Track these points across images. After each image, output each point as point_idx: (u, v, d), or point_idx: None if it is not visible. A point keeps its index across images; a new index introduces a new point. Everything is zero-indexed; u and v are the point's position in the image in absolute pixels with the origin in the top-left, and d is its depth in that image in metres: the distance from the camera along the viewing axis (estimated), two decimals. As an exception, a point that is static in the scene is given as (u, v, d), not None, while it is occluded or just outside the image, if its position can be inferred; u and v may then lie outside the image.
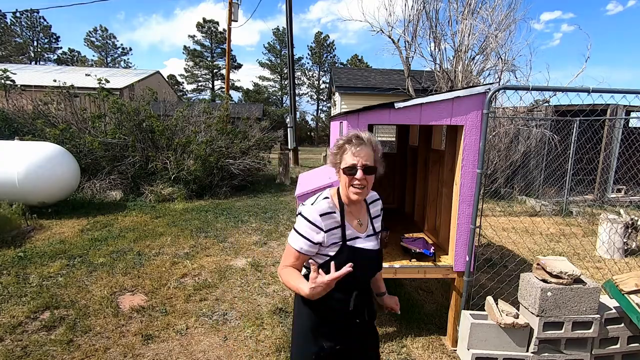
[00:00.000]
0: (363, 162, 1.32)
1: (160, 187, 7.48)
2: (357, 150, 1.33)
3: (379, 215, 1.54)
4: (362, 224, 1.45)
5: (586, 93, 2.61)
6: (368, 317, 1.52)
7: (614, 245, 4.71)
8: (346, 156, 1.35)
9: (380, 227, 1.53)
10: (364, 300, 1.48)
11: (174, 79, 42.50)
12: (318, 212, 1.35)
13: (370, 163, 1.34)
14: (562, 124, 7.39)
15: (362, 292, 1.46)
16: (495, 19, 8.85)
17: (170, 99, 11.66)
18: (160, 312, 3.08)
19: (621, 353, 2.47)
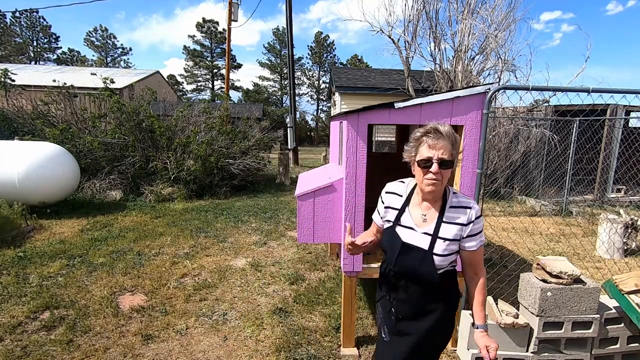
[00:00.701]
0: (439, 155, 1.30)
1: (160, 187, 7.48)
2: (435, 143, 1.31)
3: (459, 224, 1.37)
4: (426, 219, 1.41)
5: (586, 93, 2.61)
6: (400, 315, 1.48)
7: (614, 245, 4.71)
8: (422, 148, 1.35)
9: (455, 235, 1.37)
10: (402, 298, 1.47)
11: (174, 79, 42.51)
12: (387, 189, 1.56)
13: (447, 157, 1.31)
14: (562, 124, 7.39)
15: (401, 284, 1.46)
16: (495, 19, 8.86)
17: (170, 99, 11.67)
18: (160, 312, 3.08)
19: (621, 353, 2.47)
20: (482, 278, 1.44)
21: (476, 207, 1.40)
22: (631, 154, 7.24)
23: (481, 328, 1.41)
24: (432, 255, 1.38)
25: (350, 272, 2.51)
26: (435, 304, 1.47)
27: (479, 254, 1.42)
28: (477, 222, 1.39)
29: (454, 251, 1.41)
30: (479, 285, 1.44)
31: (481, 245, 1.41)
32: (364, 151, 2.37)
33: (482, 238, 1.42)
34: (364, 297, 3.44)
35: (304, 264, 4.24)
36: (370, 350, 2.63)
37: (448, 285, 1.49)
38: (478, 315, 1.43)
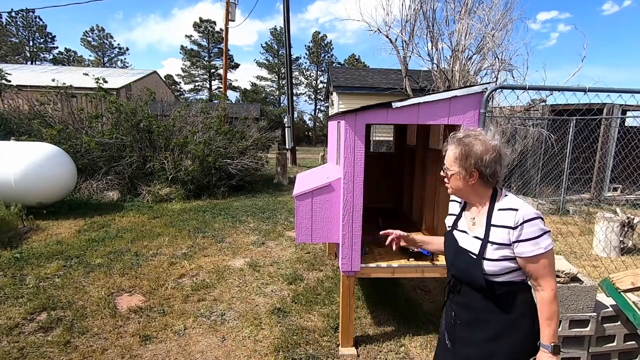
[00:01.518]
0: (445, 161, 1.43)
1: (158, 187, 7.46)
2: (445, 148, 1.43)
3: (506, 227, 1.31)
4: (475, 223, 1.43)
5: (583, 92, 2.62)
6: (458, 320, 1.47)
7: (611, 243, 4.74)
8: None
9: (503, 239, 1.32)
10: (461, 302, 1.46)
11: (171, 79, 42.44)
12: (451, 197, 1.59)
13: (446, 163, 1.41)
14: (559, 123, 7.42)
15: (458, 289, 1.47)
16: (492, 19, 8.88)
17: (168, 99, 11.66)
18: (158, 313, 3.07)
19: (618, 351, 2.49)
20: (547, 291, 1.30)
21: (526, 209, 1.30)
22: (627, 153, 7.27)
23: (544, 348, 1.30)
24: (482, 259, 1.35)
25: (349, 271, 2.51)
26: (492, 314, 1.39)
27: (536, 262, 1.28)
28: (527, 226, 1.27)
29: (508, 257, 1.32)
30: (541, 299, 1.32)
31: (540, 254, 1.27)
32: (362, 151, 2.37)
33: (539, 244, 1.27)
34: (362, 296, 3.44)
35: (302, 263, 4.24)
36: (369, 350, 2.63)
37: (510, 297, 1.37)
38: (542, 332, 1.33)
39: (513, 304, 1.37)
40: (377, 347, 2.66)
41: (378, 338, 2.77)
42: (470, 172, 1.35)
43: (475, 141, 1.34)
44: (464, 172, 1.36)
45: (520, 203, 1.33)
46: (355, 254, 2.48)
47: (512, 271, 1.34)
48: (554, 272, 1.32)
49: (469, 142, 1.34)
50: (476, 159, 1.33)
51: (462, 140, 1.36)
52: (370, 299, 3.41)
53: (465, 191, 1.40)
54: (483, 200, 1.40)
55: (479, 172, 1.34)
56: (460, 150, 1.35)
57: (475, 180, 1.36)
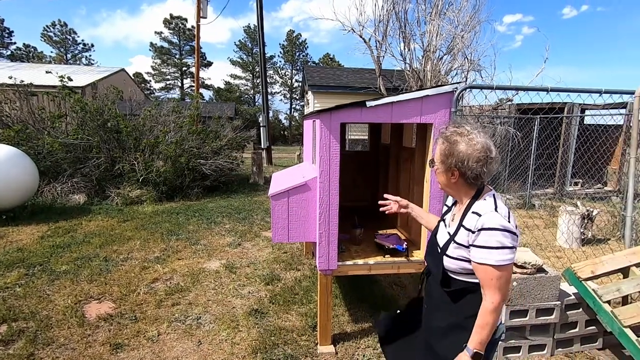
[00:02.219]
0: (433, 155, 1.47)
1: (128, 189, 7.19)
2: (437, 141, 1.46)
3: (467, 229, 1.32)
4: (454, 219, 1.47)
5: (545, 92, 2.76)
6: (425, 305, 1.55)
7: (572, 235, 5.01)
8: None
9: (463, 240, 1.33)
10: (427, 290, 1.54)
11: (141, 77, 40.99)
12: None
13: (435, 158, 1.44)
14: (525, 122, 7.77)
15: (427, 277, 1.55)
16: (461, 20, 9.17)
17: (137, 97, 11.19)
18: (129, 320, 2.97)
19: (580, 336, 2.64)
20: (489, 303, 1.26)
21: (488, 218, 1.26)
22: (586, 150, 7.72)
23: (467, 351, 1.29)
24: (444, 255, 1.38)
25: (326, 270, 2.52)
26: (445, 307, 1.42)
27: (483, 271, 1.26)
28: (483, 234, 1.25)
29: (465, 258, 1.33)
30: (482, 308, 1.28)
31: (488, 264, 1.23)
32: (337, 150, 2.38)
33: (491, 255, 1.23)
34: (340, 294, 3.47)
35: (279, 263, 4.21)
36: (347, 347, 2.65)
37: (464, 296, 1.38)
38: (471, 336, 1.30)
39: (463, 303, 1.38)
40: (355, 343, 2.69)
41: (356, 335, 2.80)
42: (452, 170, 1.35)
43: (461, 140, 1.32)
44: (445, 169, 1.37)
45: (488, 210, 1.29)
46: (332, 252, 2.49)
47: (471, 273, 1.34)
48: (503, 288, 1.25)
49: (453, 141, 1.33)
50: (457, 160, 1.31)
51: (448, 138, 1.35)
52: (347, 296, 3.44)
53: (450, 187, 1.43)
54: (466, 198, 1.40)
55: (459, 172, 1.33)
56: (445, 148, 1.36)
57: (456, 179, 1.35)
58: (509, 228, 1.24)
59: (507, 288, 1.27)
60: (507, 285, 1.26)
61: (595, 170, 8.40)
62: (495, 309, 1.25)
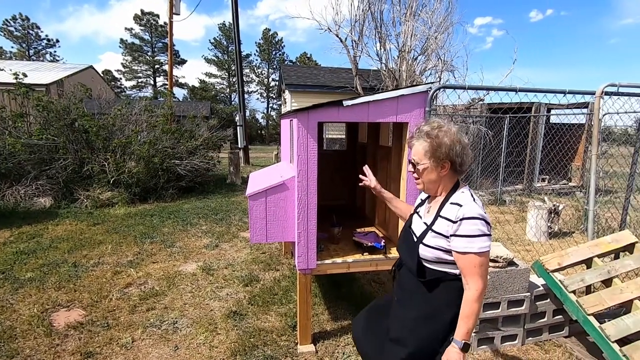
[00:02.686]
0: (412, 155, 1.44)
1: (98, 191, 6.90)
2: (411, 144, 1.45)
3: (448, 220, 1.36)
4: (429, 211, 1.50)
5: (514, 92, 2.87)
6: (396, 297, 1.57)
7: (540, 229, 5.25)
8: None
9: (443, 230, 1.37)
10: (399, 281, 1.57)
11: (111, 74, 39.48)
12: None
13: (416, 158, 1.43)
14: (495, 121, 8.05)
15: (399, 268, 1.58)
16: (435, 22, 9.38)
17: (107, 96, 10.78)
18: (101, 327, 2.85)
19: (548, 325, 2.77)
20: (471, 291, 1.31)
21: (468, 208, 1.32)
22: (552, 147, 8.10)
23: (455, 344, 1.32)
24: (420, 243, 1.42)
25: (305, 269, 2.52)
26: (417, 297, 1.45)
27: (466, 259, 1.31)
28: (465, 223, 1.31)
29: (443, 248, 1.37)
30: (467, 297, 1.32)
31: (471, 252, 1.29)
32: (315, 149, 2.38)
33: (473, 244, 1.29)
34: (319, 293, 3.48)
35: (258, 264, 4.17)
36: (327, 345, 2.66)
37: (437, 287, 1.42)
38: (458, 328, 1.33)
39: (437, 293, 1.42)
40: (335, 341, 2.71)
41: (336, 333, 2.81)
42: (442, 163, 1.39)
43: (442, 133, 1.39)
44: (435, 164, 1.40)
45: (468, 200, 1.36)
46: (311, 251, 2.49)
47: (446, 263, 1.39)
48: (484, 275, 1.31)
49: (436, 135, 1.38)
50: (447, 150, 1.37)
51: (429, 134, 1.39)
52: (327, 295, 3.45)
53: (436, 182, 1.44)
54: (445, 191, 1.45)
55: (451, 162, 1.39)
56: (430, 144, 1.39)
57: (447, 170, 1.41)
58: (486, 218, 1.33)
59: (487, 275, 1.34)
60: (487, 272, 1.34)
61: (560, 167, 8.83)
62: (479, 296, 1.31)
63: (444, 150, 1.37)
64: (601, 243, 2.65)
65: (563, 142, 8.19)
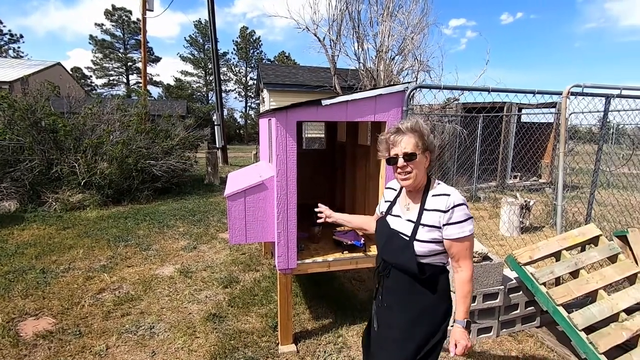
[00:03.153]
0: (402, 150, 1.42)
1: (68, 194, 6.62)
2: (396, 140, 1.44)
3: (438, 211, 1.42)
4: (409, 208, 1.51)
5: (487, 92, 2.95)
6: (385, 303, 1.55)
7: (513, 224, 5.44)
8: (389, 147, 1.47)
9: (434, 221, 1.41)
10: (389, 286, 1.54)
11: (80, 72, 37.86)
12: (387, 185, 1.71)
13: (410, 149, 1.42)
14: (470, 120, 8.28)
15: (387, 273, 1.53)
16: (411, 23, 9.54)
17: (77, 94, 10.30)
18: (73, 335, 2.74)
19: (521, 316, 2.87)
20: (466, 272, 1.43)
21: (456, 195, 1.43)
22: (523, 145, 8.42)
23: (458, 323, 1.43)
24: (414, 241, 1.44)
25: (285, 269, 2.50)
26: (416, 296, 1.48)
27: (460, 244, 1.40)
28: (456, 210, 1.40)
29: (436, 240, 1.42)
30: (461, 279, 1.43)
31: (464, 237, 1.39)
32: (294, 148, 2.37)
33: (464, 228, 1.39)
34: (300, 293, 3.47)
35: (237, 265, 4.12)
36: (309, 344, 2.66)
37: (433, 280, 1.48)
38: (457, 309, 1.44)
39: (437, 286, 1.49)
40: (316, 340, 2.71)
41: (317, 332, 2.82)
42: (427, 154, 1.46)
43: (422, 127, 1.45)
44: (423, 156, 1.46)
45: (452, 190, 1.46)
46: (291, 251, 2.48)
47: (437, 254, 1.46)
48: (472, 255, 1.45)
49: (419, 128, 1.45)
50: (430, 141, 1.45)
51: (414, 128, 1.45)
52: (308, 294, 3.45)
53: (423, 176, 1.49)
54: (422, 185, 1.50)
55: (430, 152, 1.47)
56: (419, 137, 1.44)
57: (428, 161, 1.47)
58: (466, 202, 1.45)
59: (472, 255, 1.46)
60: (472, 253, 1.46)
61: (531, 164, 9.20)
62: (472, 276, 1.45)
63: (429, 141, 1.45)
64: (569, 237, 2.78)
65: (533, 140, 8.53)
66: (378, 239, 1.61)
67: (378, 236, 1.62)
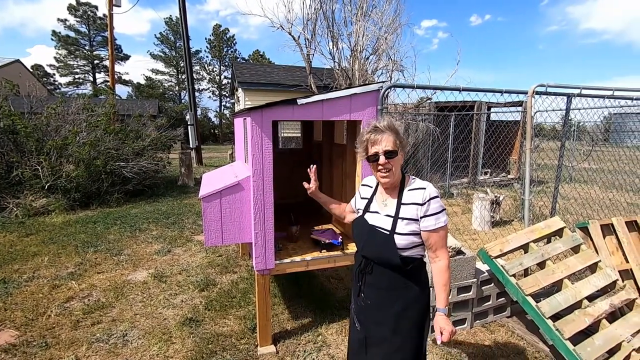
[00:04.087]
0: (383, 148, 1.47)
1: (31, 198, 6.27)
2: (377, 139, 1.48)
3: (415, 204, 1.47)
4: (387, 204, 1.54)
5: (458, 91, 3.04)
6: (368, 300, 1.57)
7: (484, 219, 5.64)
8: (368, 146, 1.51)
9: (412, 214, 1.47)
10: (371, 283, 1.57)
11: (42, 70, 35.89)
12: (362, 182, 1.76)
13: (391, 147, 1.47)
14: (442, 118, 8.51)
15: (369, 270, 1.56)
16: (385, 22, 9.68)
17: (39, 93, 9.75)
18: (39, 347, 2.60)
19: (493, 307, 2.99)
20: (443, 261, 1.49)
21: (431, 189, 1.50)
22: (492, 143, 8.74)
23: (440, 311, 1.48)
24: (394, 234, 1.48)
25: (263, 270, 2.48)
26: (401, 290, 1.53)
27: (437, 234, 1.47)
28: (432, 202, 1.47)
29: (415, 232, 1.48)
30: (439, 268, 1.50)
31: (440, 227, 1.47)
32: (270, 148, 2.35)
33: (440, 219, 1.47)
34: (279, 293, 3.45)
35: (214, 267, 4.04)
36: (288, 344, 2.65)
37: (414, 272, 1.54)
38: (438, 297, 1.50)
39: (419, 278, 1.56)
40: (296, 340, 2.70)
41: (296, 331, 2.81)
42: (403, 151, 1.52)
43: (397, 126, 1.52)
44: (402, 153, 1.52)
45: (427, 184, 1.53)
46: (268, 251, 2.46)
47: (416, 246, 1.52)
48: (447, 244, 1.52)
49: (395, 127, 1.50)
50: (403, 139, 1.51)
51: (391, 127, 1.49)
52: (286, 294, 3.44)
53: (399, 173, 1.55)
54: (397, 180, 1.55)
55: (404, 152, 1.53)
56: (397, 134, 1.49)
57: (402, 158, 1.53)
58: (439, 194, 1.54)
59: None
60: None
61: (500, 161, 9.55)
62: (449, 264, 1.52)
63: (404, 139, 1.52)
64: (536, 229, 2.91)
65: (502, 137, 8.87)
66: (357, 237, 1.63)
67: (357, 235, 1.63)
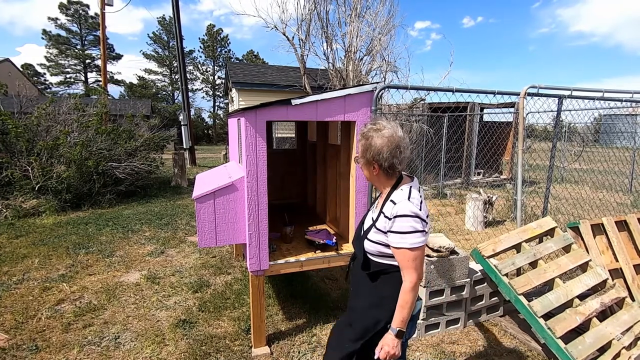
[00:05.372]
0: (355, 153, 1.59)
1: (21, 199, 6.18)
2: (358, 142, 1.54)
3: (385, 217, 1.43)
4: (377, 207, 1.57)
5: (451, 92, 3.07)
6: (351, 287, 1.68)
7: (477, 219, 5.69)
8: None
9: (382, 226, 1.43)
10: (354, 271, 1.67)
11: (32, 69, 35.43)
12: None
13: (358, 153, 1.53)
14: (436, 119, 8.56)
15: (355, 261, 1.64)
16: (379, 24, 9.72)
17: (29, 93, 9.62)
18: (29, 350, 2.56)
19: (486, 307, 3.01)
20: (407, 282, 1.39)
21: (402, 206, 1.38)
22: (485, 143, 8.82)
23: (392, 330, 1.42)
24: (365, 239, 1.52)
25: (257, 271, 2.47)
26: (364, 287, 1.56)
27: (400, 254, 1.39)
28: (398, 220, 1.38)
29: (383, 243, 1.44)
30: (402, 288, 1.41)
31: (403, 247, 1.37)
32: (264, 148, 2.35)
33: (405, 239, 1.36)
34: (273, 294, 3.44)
35: (208, 269, 4.02)
36: (282, 345, 2.65)
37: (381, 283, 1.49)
38: (394, 316, 1.42)
39: (380, 284, 1.53)
40: (290, 341, 2.70)
41: (290, 332, 2.80)
42: (372, 164, 1.47)
43: (376, 135, 1.43)
44: (367, 164, 1.50)
45: (402, 198, 1.41)
46: (263, 252, 2.45)
47: (387, 256, 1.48)
48: (418, 268, 1.39)
49: (369, 137, 1.45)
50: (374, 154, 1.43)
51: (365, 135, 1.48)
52: (281, 294, 3.43)
53: (373, 180, 1.56)
54: (387, 188, 1.53)
55: (377, 164, 1.46)
56: (363, 144, 1.48)
57: (377, 171, 1.48)
58: (419, 215, 1.39)
59: (422, 268, 1.43)
60: (422, 266, 1.43)
61: (493, 162, 9.65)
62: (413, 287, 1.40)
63: (371, 153, 1.44)
64: (528, 229, 2.94)
65: (494, 138, 8.96)
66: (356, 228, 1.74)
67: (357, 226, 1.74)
